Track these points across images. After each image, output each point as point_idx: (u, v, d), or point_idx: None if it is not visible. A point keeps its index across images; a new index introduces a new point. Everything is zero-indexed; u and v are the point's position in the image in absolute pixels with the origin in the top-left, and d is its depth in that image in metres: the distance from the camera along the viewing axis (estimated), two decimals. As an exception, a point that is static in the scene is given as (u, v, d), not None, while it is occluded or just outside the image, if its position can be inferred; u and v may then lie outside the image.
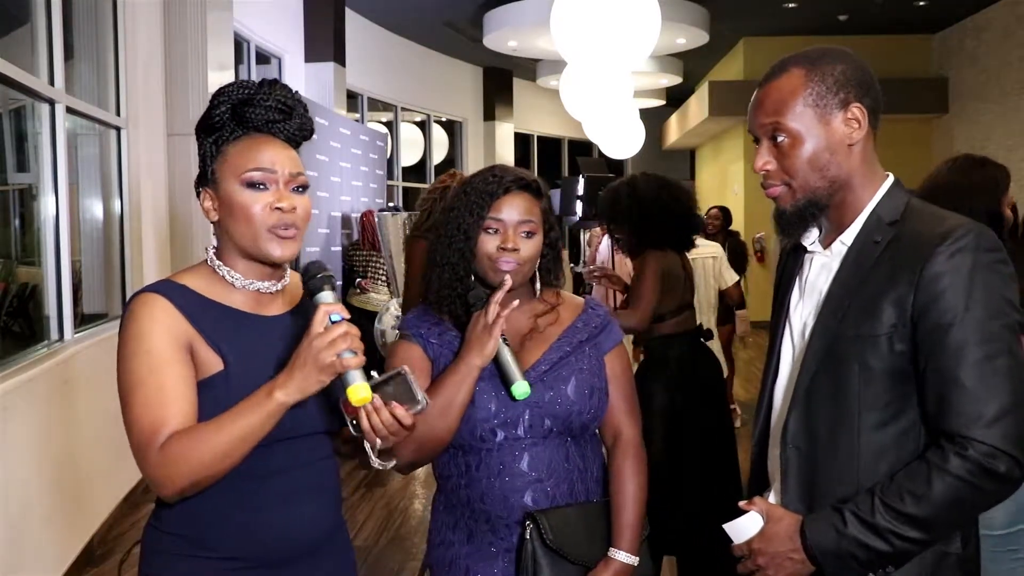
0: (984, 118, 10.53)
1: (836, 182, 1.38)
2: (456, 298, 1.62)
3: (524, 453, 1.59)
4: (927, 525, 1.25)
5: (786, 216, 1.41)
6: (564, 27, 5.28)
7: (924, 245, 1.29)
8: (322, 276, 1.31)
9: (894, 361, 1.30)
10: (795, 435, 1.39)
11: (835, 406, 1.35)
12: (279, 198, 1.36)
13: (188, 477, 1.26)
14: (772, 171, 1.40)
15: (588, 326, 1.69)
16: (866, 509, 1.27)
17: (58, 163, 4.01)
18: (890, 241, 1.34)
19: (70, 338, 4.06)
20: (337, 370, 1.25)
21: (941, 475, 1.24)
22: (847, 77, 1.37)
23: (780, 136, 1.38)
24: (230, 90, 1.38)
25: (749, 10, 10.51)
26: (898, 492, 1.26)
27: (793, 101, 1.37)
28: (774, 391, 1.49)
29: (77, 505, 3.78)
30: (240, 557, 1.37)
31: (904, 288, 1.29)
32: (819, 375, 1.37)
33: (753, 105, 1.43)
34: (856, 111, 1.37)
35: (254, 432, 1.27)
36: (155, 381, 1.29)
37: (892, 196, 1.39)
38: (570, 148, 15.89)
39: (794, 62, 1.40)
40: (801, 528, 1.32)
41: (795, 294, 1.49)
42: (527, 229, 1.61)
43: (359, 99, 10.62)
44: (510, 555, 1.60)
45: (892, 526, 1.25)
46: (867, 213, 1.39)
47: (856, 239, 1.39)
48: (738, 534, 1.39)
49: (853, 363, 1.32)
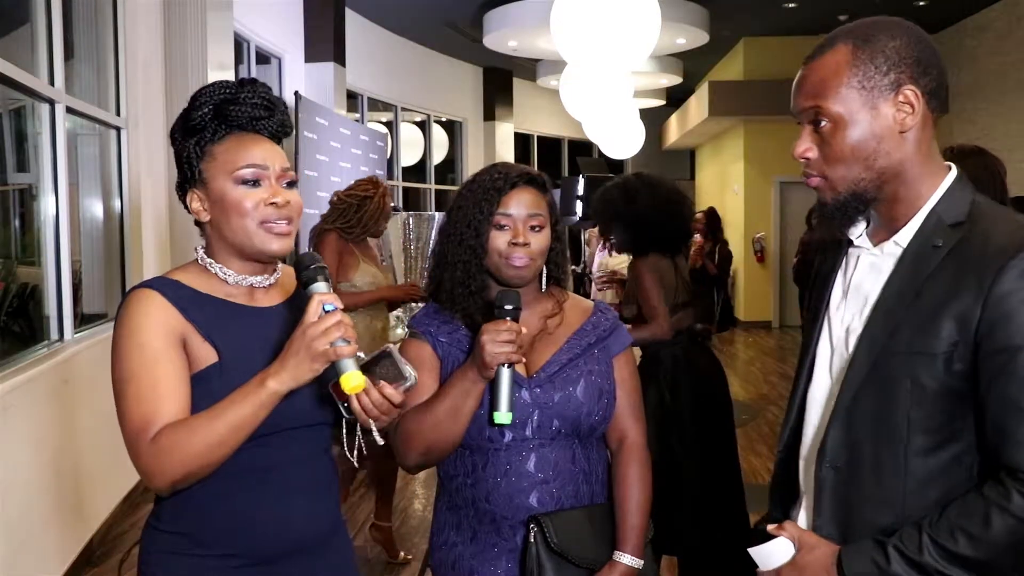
0: (984, 118, 10.53)
1: (885, 174, 1.24)
2: (468, 296, 1.62)
3: (531, 454, 1.59)
4: (980, 568, 1.14)
5: (827, 210, 1.29)
6: (564, 27, 5.29)
7: (995, 256, 1.16)
8: (315, 267, 1.32)
9: (951, 381, 1.18)
10: (834, 453, 1.27)
11: (881, 426, 1.22)
12: (273, 193, 1.37)
13: (180, 468, 1.26)
14: (813, 159, 1.27)
15: (597, 329, 1.69)
16: (912, 547, 1.16)
17: (58, 163, 4.01)
18: (953, 247, 1.20)
19: (70, 338, 4.06)
20: (330, 358, 1.26)
21: (1002, 514, 1.12)
22: (901, 55, 1.22)
23: (822, 121, 1.25)
24: (210, 91, 1.39)
25: (749, 10, 10.50)
26: (950, 530, 1.14)
27: (836, 82, 1.23)
28: (807, 397, 1.37)
29: (77, 505, 3.78)
30: (237, 554, 1.37)
31: (969, 303, 1.16)
32: (864, 390, 1.24)
33: (796, 85, 1.29)
34: (909, 94, 1.22)
35: (247, 421, 1.27)
36: (148, 375, 1.30)
37: (955, 193, 1.25)
38: (570, 148, 15.89)
39: (843, 36, 1.26)
40: (838, 560, 1.22)
41: (837, 292, 1.36)
42: (536, 223, 1.61)
43: (359, 99, 10.62)
44: (514, 556, 1.60)
45: (941, 567, 1.14)
46: (926, 211, 1.25)
47: (912, 241, 1.25)
48: (765, 560, 1.30)
49: (904, 380, 1.20)
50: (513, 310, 1.51)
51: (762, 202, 12.36)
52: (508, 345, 1.47)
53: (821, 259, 1.46)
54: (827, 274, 1.40)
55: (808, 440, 1.36)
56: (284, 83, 8.27)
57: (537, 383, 1.61)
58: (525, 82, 14.17)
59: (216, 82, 1.41)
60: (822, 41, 1.29)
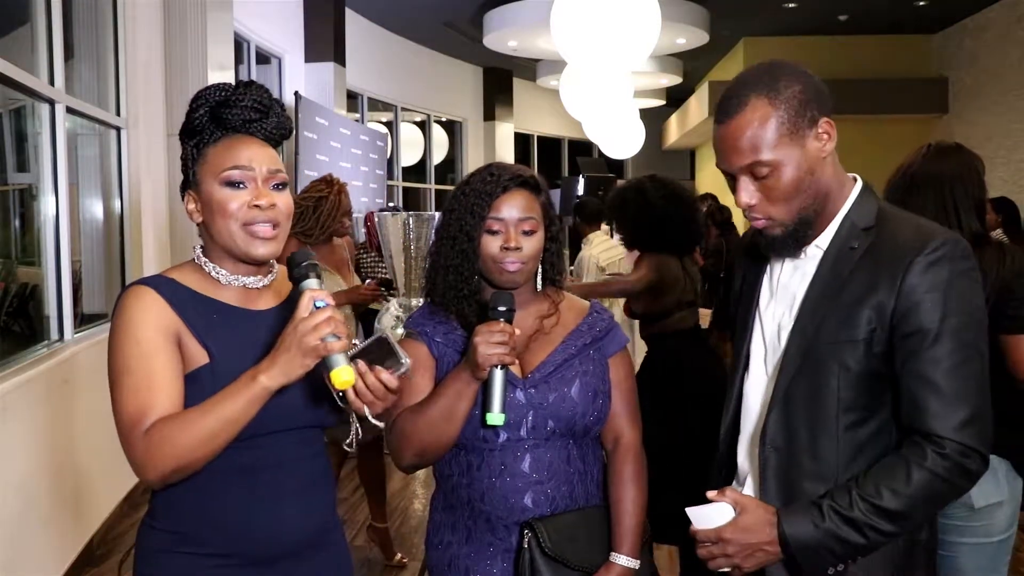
0: (984, 118, 10.53)
1: (819, 195, 1.40)
2: (462, 299, 1.62)
3: (526, 454, 1.59)
4: (902, 518, 1.31)
5: (779, 242, 1.43)
6: (564, 27, 5.29)
7: (902, 254, 1.34)
8: (307, 264, 1.33)
9: (871, 364, 1.36)
10: (774, 436, 1.42)
11: (814, 407, 1.39)
12: (257, 196, 1.37)
13: (172, 461, 1.27)
14: (756, 205, 1.41)
15: (593, 329, 1.69)
16: (844, 503, 1.32)
17: (58, 163, 4.01)
18: (867, 248, 1.38)
19: (70, 338, 4.06)
20: (321, 353, 1.26)
21: (920, 471, 1.30)
22: (807, 94, 1.37)
23: (761, 171, 1.37)
24: (208, 93, 1.40)
25: (749, 10, 10.50)
26: (876, 487, 1.31)
27: (765, 135, 1.36)
28: (744, 388, 1.53)
29: (77, 505, 3.78)
30: (231, 554, 1.37)
31: (884, 295, 1.34)
32: (797, 378, 1.40)
33: (723, 145, 1.40)
34: (825, 124, 1.38)
35: (238, 416, 1.28)
36: (143, 369, 1.31)
37: (863, 201, 1.43)
38: (570, 148, 15.89)
39: (752, 90, 1.37)
40: (778, 520, 1.36)
41: (764, 293, 1.52)
42: (528, 227, 1.61)
43: (359, 99, 10.62)
44: (509, 555, 1.60)
45: (869, 520, 1.30)
46: (840, 217, 1.42)
47: (831, 244, 1.42)
48: (703, 521, 1.41)
49: (832, 366, 1.37)
50: (506, 312, 1.51)
51: (762, 202, 12.34)
52: (501, 347, 1.48)
53: (744, 264, 1.60)
54: (754, 278, 1.55)
55: (749, 426, 1.52)
56: (284, 83, 8.27)
57: (532, 383, 1.61)
58: (525, 82, 14.17)
59: (215, 84, 1.41)
60: (728, 99, 1.39)
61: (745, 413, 1.53)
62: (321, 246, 3.64)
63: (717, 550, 1.39)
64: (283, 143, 1.50)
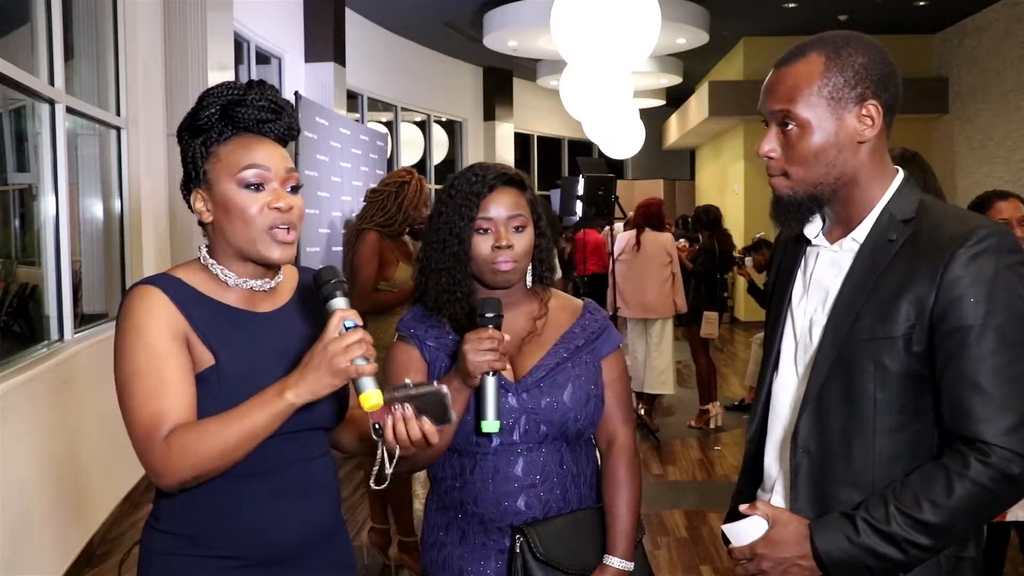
0: (984, 118, 10.53)
1: (841, 179, 1.33)
2: (455, 302, 1.61)
3: (519, 458, 1.59)
4: (943, 532, 1.22)
5: (782, 204, 1.37)
6: (564, 27, 5.29)
7: (944, 245, 1.25)
8: (335, 282, 1.31)
9: (911, 362, 1.26)
10: (806, 439, 1.34)
11: (849, 409, 1.30)
12: (276, 197, 1.36)
13: (192, 469, 1.27)
14: (776, 158, 1.35)
15: (586, 331, 1.68)
16: (880, 517, 1.23)
17: (58, 163, 4.01)
18: (906, 240, 1.30)
19: (70, 338, 4.06)
20: (351, 376, 1.25)
21: (962, 481, 1.20)
22: (868, 71, 1.31)
23: (790, 124, 1.32)
24: (218, 91, 1.38)
25: (749, 10, 10.51)
26: (915, 499, 1.22)
27: (808, 90, 1.31)
28: (773, 388, 1.45)
29: (77, 505, 3.78)
30: (236, 556, 1.37)
31: (923, 289, 1.25)
32: (831, 377, 1.32)
33: (766, 87, 1.36)
34: (872, 108, 1.31)
35: (260, 430, 1.27)
36: (156, 373, 1.30)
37: (903, 193, 1.35)
38: (570, 148, 15.89)
39: (816, 46, 1.33)
40: (810, 534, 1.29)
41: (798, 288, 1.44)
42: (518, 224, 1.60)
43: (359, 99, 10.62)
44: (502, 556, 1.60)
45: (907, 534, 1.22)
46: (879, 210, 1.34)
47: (868, 236, 1.34)
48: (739, 537, 1.36)
49: (868, 365, 1.28)
50: (495, 317, 1.49)
51: (762, 202, 12.02)
52: (490, 353, 1.46)
53: (780, 257, 1.54)
54: (788, 272, 1.48)
55: (779, 429, 1.43)
56: (284, 83, 8.27)
57: (524, 388, 1.60)
58: (525, 82, 14.17)
59: (224, 83, 1.40)
60: (794, 47, 1.35)
61: (774, 415, 1.44)
62: (395, 239, 3.59)
63: (752, 567, 1.33)
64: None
